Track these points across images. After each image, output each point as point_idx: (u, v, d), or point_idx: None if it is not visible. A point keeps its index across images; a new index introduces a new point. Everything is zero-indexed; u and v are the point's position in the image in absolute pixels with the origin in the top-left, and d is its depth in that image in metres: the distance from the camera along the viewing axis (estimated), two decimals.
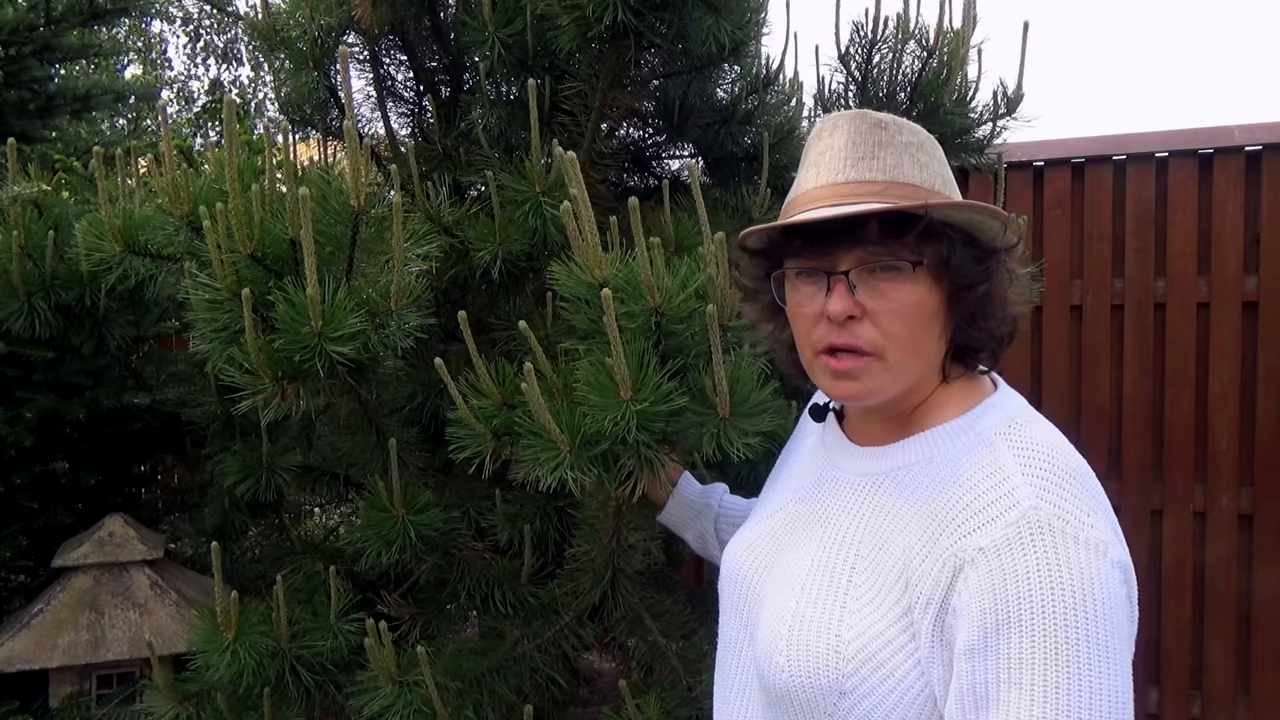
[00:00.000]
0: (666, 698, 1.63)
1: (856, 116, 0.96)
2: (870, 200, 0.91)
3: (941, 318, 0.94)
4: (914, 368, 0.94)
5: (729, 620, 1.09)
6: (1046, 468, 0.87)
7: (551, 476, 1.21)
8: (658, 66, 2.07)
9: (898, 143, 0.94)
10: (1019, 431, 0.93)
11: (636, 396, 1.17)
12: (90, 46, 3.60)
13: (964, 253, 0.92)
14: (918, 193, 0.92)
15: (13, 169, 2.10)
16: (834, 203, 0.92)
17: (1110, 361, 2.93)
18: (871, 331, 0.92)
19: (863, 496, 0.98)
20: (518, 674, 1.70)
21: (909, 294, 0.91)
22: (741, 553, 1.09)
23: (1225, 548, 2.82)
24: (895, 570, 0.89)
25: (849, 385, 0.94)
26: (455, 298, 2.06)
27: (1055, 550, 0.80)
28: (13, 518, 2.57)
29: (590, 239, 1.20)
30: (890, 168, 0.93)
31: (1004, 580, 0.80)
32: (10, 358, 2.43)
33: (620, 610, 1.74)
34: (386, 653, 1.53)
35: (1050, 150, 2.97)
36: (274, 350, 1.27)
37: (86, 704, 2.32)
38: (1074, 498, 0.85)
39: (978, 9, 2.06)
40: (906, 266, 0.91)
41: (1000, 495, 0.85)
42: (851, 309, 0.91)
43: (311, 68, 2.11)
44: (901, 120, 0.97)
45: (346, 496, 2.26)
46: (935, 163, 0.96)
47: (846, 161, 0.94)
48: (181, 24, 11.06)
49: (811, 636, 0.91)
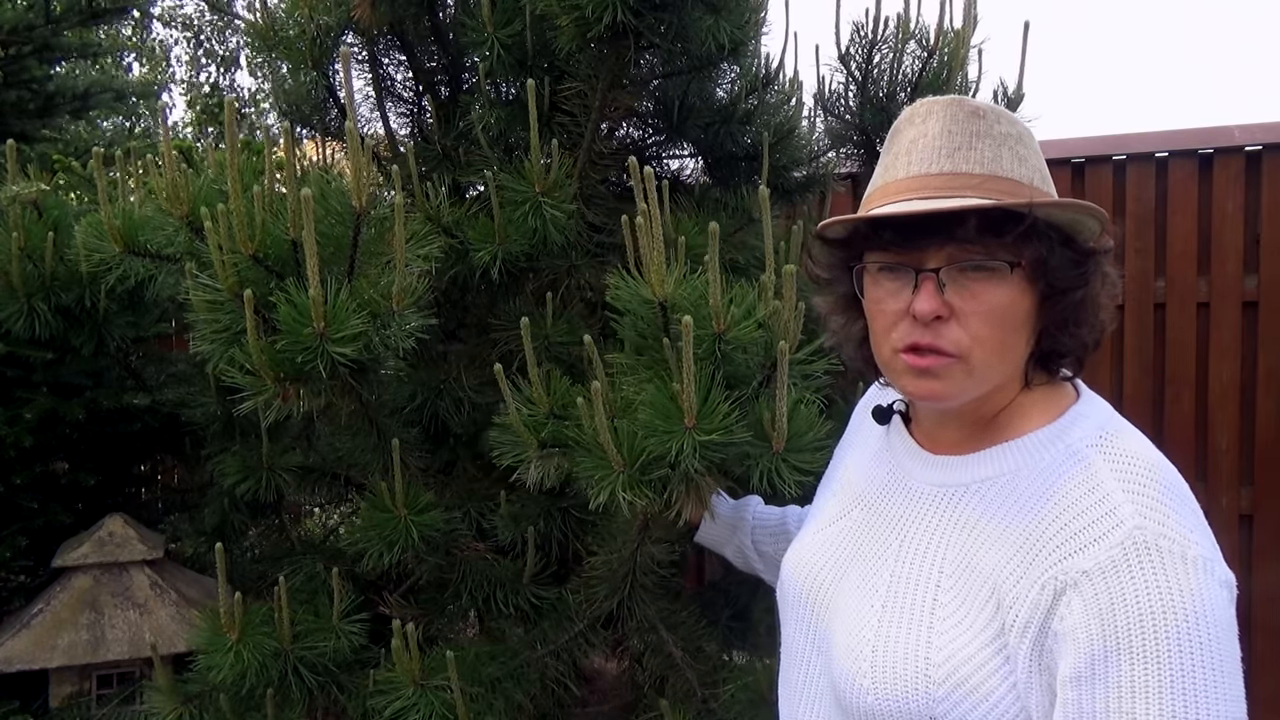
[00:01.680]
0: (683, 709, 1.63)
1: (953, 103, 0.90)
2: (967, 194, 0.85)
3: (1032, 322, 0.89)
4: (998, 372, 0.89)
5: (794, 632, 1.05)
6: (1145, 482, 0.83)
7: (603, 494, 1.18)
8: (657, 66, 2.07)
9: (996, 133, 0.89)
10: (1111, 443, 0.88)
11: (701, 425, 1.14)
12: (90, 46, 3.60)
13: (1062, 254, 0.87)
14: (1018, 188, 0.87)
15: (12, 169, 2.10)
16: (926, 195, 0.87)
17: (1110, 361, 2.93)
18: (958, 333, 0.86)
19: (943, 509, 0.93)
20: (530, 679, 1.70)
21: (1001, 296, 0.86)
22: (807, 561, 1.04)
23: (1225, 548, 2.78)
24: (985, 590, 0.85)
25: (930, 384, 0.89)
26: (455, 298, 2.06)
27: (1164, 572, 0.77)
28: (13, 518, 2.56)
29: (657, 256, 1.18)
30: (989, 160, 0.87)
31: (1111, 605, 0.76)
32: (10, 358, 2.43)
33: (635, 620, 1.74)
34: (412, 655, 1.53)
35: (1050, 150, 2.96)
36: (276, 351, 1.27)
37: (86, 704, 2.32)
38: (1176, 514, 0.81)
39: (978, 9, 2.06)
40: (1003, 267, 0.85)
41: (1102, 515, 0.81)
42: (940, 309, 0.86)
43: (310, 68, 2.11)
44: (1000, 109, 0.91)
45: (346, 497, 2.26)
46: (1034, 156, 0.91)
47: (941, 151, 0.88)
48: (182, 29, 11.07)
49: (898, 658, 0.86)
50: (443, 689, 1.53)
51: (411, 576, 1.98)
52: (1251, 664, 2.81)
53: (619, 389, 1.25)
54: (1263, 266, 2.78)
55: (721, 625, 1.95)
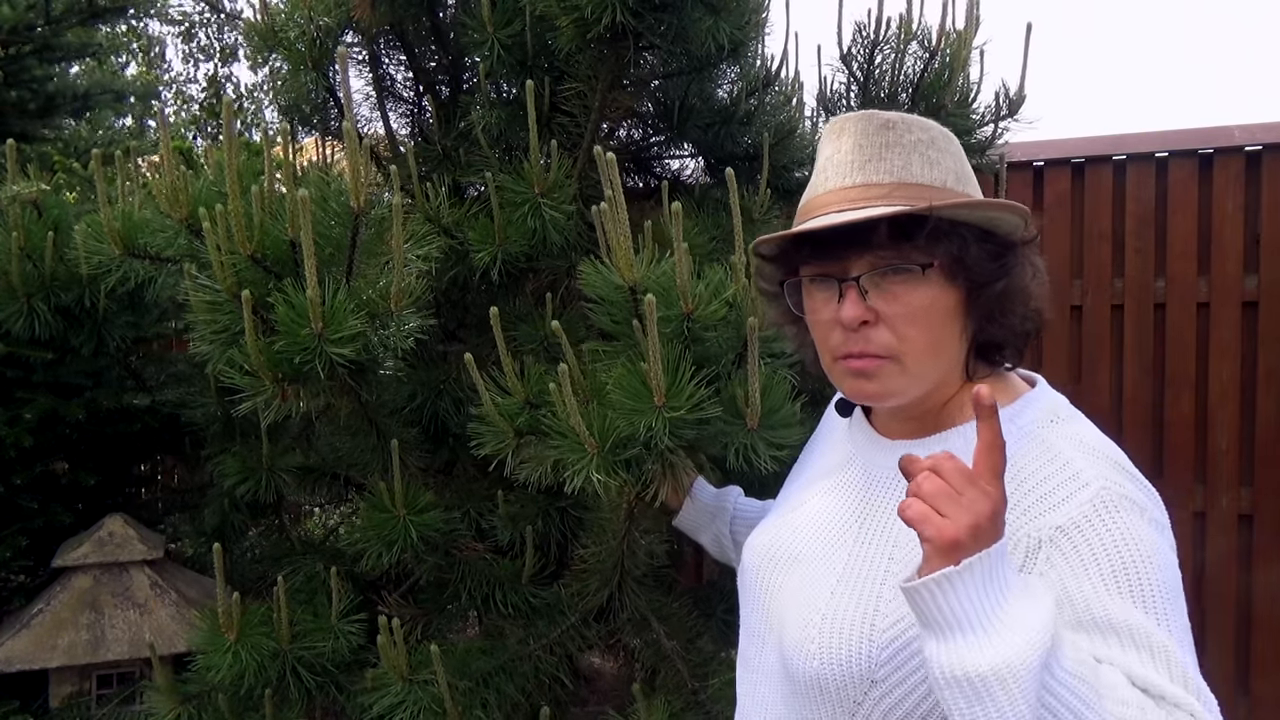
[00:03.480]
0: (672, 700, 1.63)
1: (864, 118, 0.95)
2: (877, 204, 0.90)
3: (960, 317, 0.93)
4: (934, 369, 0.93)
5: (751, 612, 1.08)
6: (1100, 457, 0.88)
7: (578, 478, 1.20)
8: (657, 67, 2.07)
9: (906, 142, 0.93)
10: (1063, 425, 0.92)
11: (670, 403, 1.16)
12: (89, 46, 3.60)
13: (979, 250, 0.91)
14: (926, 192, 0.91)
15: (12, 169, 2.10)
16: (842, 208, 0.91)
17: (1110, 361, 2.93)
18: (886, 335, 0.91)
19: (897, 490, 0.97)
20: (523, 674, 1.71)
21: (922, 296, 0.90)
22: (767, 545, 1.08)
23: (1225, 548, 2.82)
24: None
25: (867, 384, 0.94)
26: (455, 298, 2.06)
27: (1130, 526, 0.82)
28: (13, 518, 2.56)
29: (623, 241, 1.19)
30: (898, 169, 0.91)
31: (1093, 554, 0.81)
32: (10, 358, 2.43)
33: (626, 612, 1.74)
34: (398, 650, 1.53)
35: (1050, 150, 2.97)
36: (274, 352, 1.27)
37: (86, 704, 2.32)
38: (1131, 483, 0.86)
39: (980, 10, 2.06)
40: (917, 269, 0.90)
41: (1067, 478, 0.85)
42: (864, 314, 0.91)
43: (310, 68, 2.10)
44: (912, 118, 0.95)
45: (346, 497, 2.26)
46: (948, 158, 0.94)
47: (854, 165, 0.93)
48: (174, 25, 11.06)
49: (846, 625, 0.90)
50: (431, 684, 1.53)
51: (411, 576, 1.98)
52: (1251, 664, 2.80)
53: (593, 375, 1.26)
54: (1263, 266, 2.78)
55: (716, 620, 1.95)
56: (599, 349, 1.29)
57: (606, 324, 1.27)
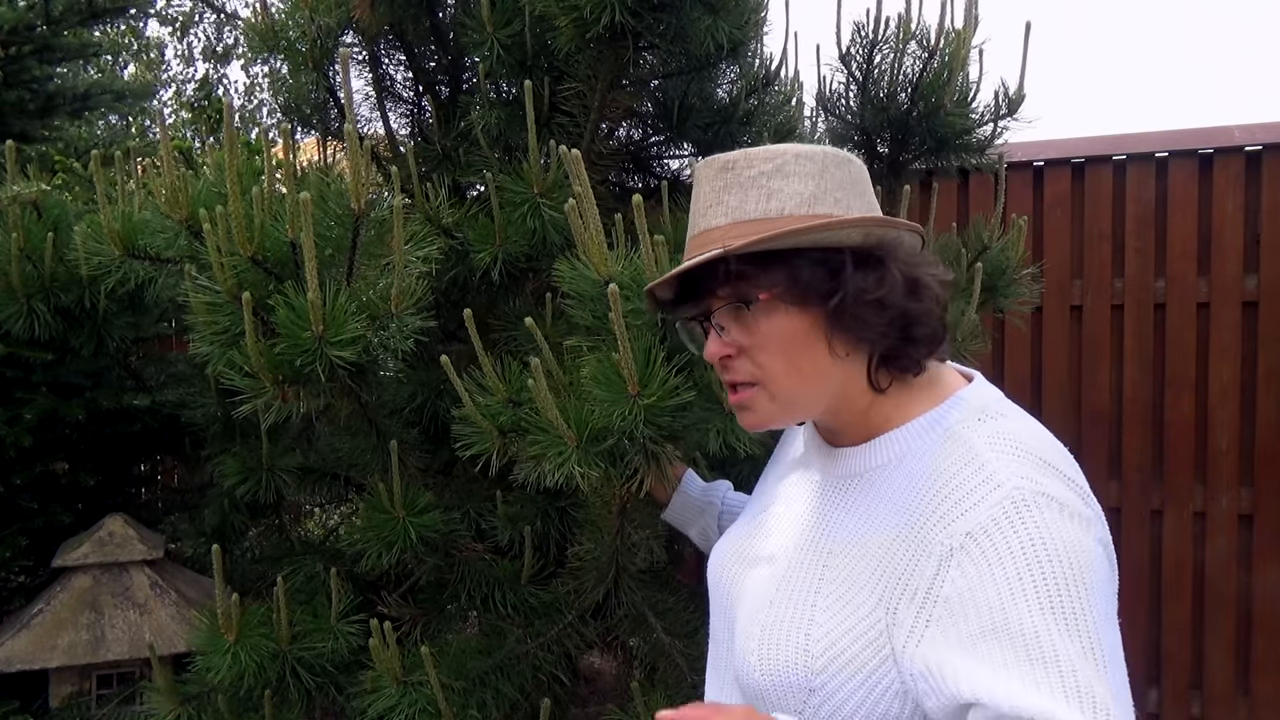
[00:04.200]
0: (672, 696, 1.64)
1: (707, 164, 0.98)
2: (712, 247, 0.93)
3: (822, 336, 0.94)
4: (806, 390, 0.95)
5: (715, 619, 1.12)
6: (1020, 451, 0.87)
7: (558, 472, 1.21)
8: (656, 67, 2.07)
9: (744, 179, 0.95)
10: (989, 423, 0.93)
11: (644, 391, 1.17)
12: (89, 46, 3.59)
13: (814, 271, 0.92)
14: (763, 225, 0.92)
15: (11, 170, 2.10)
16: (690, 254, 0.96)
17: (1110, 361, 2.93)
18: (747, 365, 0.95)
19: (835, 498, 1.00)
20: (521, 673, 1.71)
21: (767, 325, 0.93)
22: (725, 553, 1.11)
23: (1225, 548, 2.82)
24: (868, 567, 0.90)
25: (746, 415, 0.99)
26: (455, 299, 2.06)
27: (1045, 523, 0.81)
28: (12, 518, 2.56)
29: (595, 236, 1.20)
30: (733, 209, 0.94)
31: (1000, 559, 0.80)
32: (10, 359, 2.43)
33: (623, 609, 1.75)
34: (391, 653, 1.53)
35: (1050, 150, 2.96)
36: (274, 354, 1.27)
37: (86, 704, 2.32)
38: (1049, 476, 0.85)
39: (979, 10, 2.06)
40: (742, 306, 0.94)
41: (979, 481, 0.86)
42: (723, 349, 0.96)
43: (311, 68, 2.10)
44: (754, 151, 0.96)
45: (346, 497, 2.26)
46: (795, 181, 0.94)
47: (699, 214, 0.97)
48: (170, 25, 11.05)
49: (781, 637, 0.92)
50: (425, 685, 1.54)
51: (410, 577, 1.98)
52: (1251, 664, 2.81)
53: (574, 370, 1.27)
54: (1263, 266, 2.78)
55: None
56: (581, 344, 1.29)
57: (587, 319, 1.28)
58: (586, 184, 1.18)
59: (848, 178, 0.96)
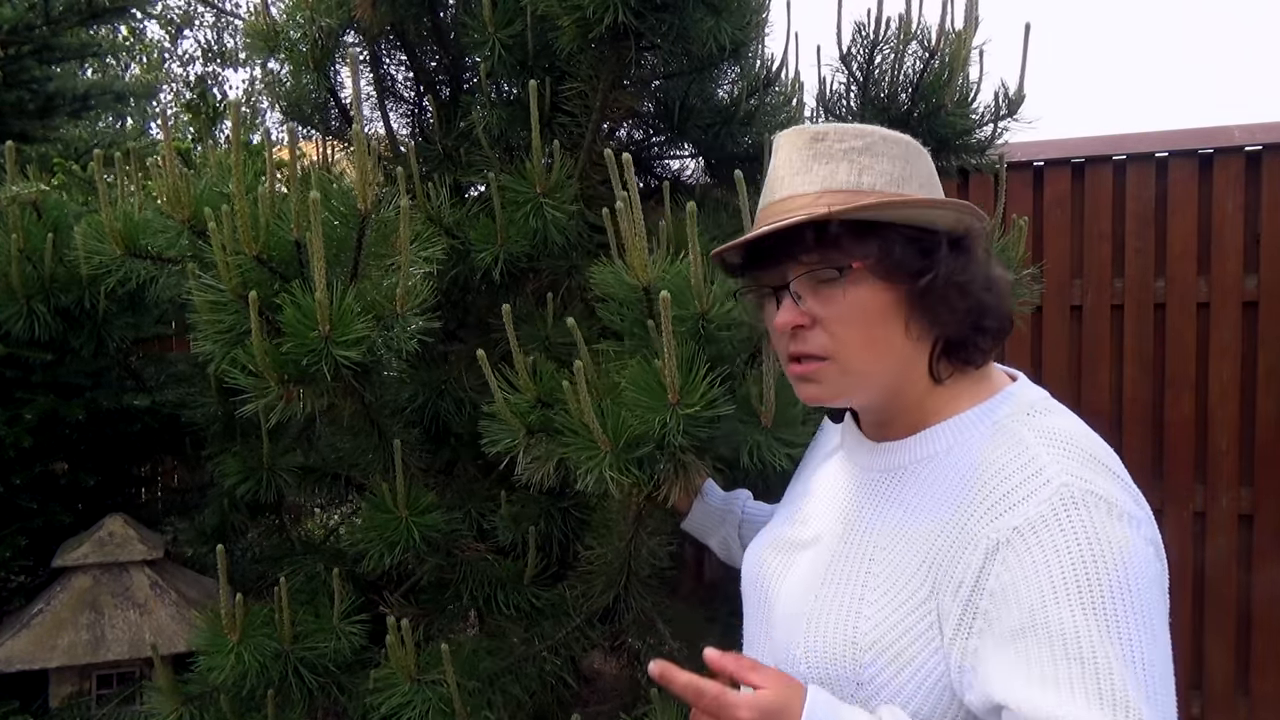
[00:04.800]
0: (681, 703, 1.63)
1: (795, 133, 0.98)
2: (799, 214, 0.92)
3: (901, 315, 0.94)
4: (876, 367, 0.95)
5: (751, 621, 1.10)
6: (1072, 450, 0.87)
7: (590, 476, 1.20)
8: (658, 67, 2.07)
9: (835, 151, 0.94)
10: (1038, 419, 0.92)
11: (684, 400, 1.16)
12: (89, 46, 3.59)
13: (906, 249, 0.92)
14: (854, 197, 0.92)
15: (11, 170, 2.09)
16: (773, 220, 0.94)
17: (1110, 361, 2.93)
18: (823, 337, 0.94)
19: (880, 491, 0.99)
20: (528, 675, 1.71)
21: (852, 297, 0.92)
22: (762, 555, 1.10)
23: (1225, 548, 2.82)
24: (916, 560, 0.89)
25: (809, 388, 0.97)
26: (456, 298, 2.06)
27: (1094, 523, 0.80)
28: (12, 518, 2.56)
29: (638, 242, 1.19)
30: (824, 178, 0.94)
31: (1045, 557, 0.80)
32: (9, 359, 2.43)
33: (632, 614, 1.74)
34: (407, 651, 1.53)
35: (1050, 150, 2.97)
36: (280, 353, 1.27)
37: (86, 704, 2.32)
38: (1101, 475, 0.85)
39: (980, 10, 2.06)
40: (834, 273, 0.92)
41: (1029, 475, 0.85)
42: (798, 319, 0.94)
43: (312, 69, 2.10)
44: (845, 127, 0.96)
45: (347, 497, 2.26)
46: (884, 161, 0.95)
47: (783, 180, 0.96)
48: (169, 25, 11.04)
49: (828, 628, 0.92)
50: (439, 684, 1.53)
51: (412, 577, 1.98)
52: (1251, 664, 2.81)
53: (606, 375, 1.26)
54: (1263, 266, 2.78)
55: (721, 622, 1.95)
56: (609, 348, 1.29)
57: (616, 323, 1.28)
58: (634, 189, 1.18)
59: (926, 167, 0.98)
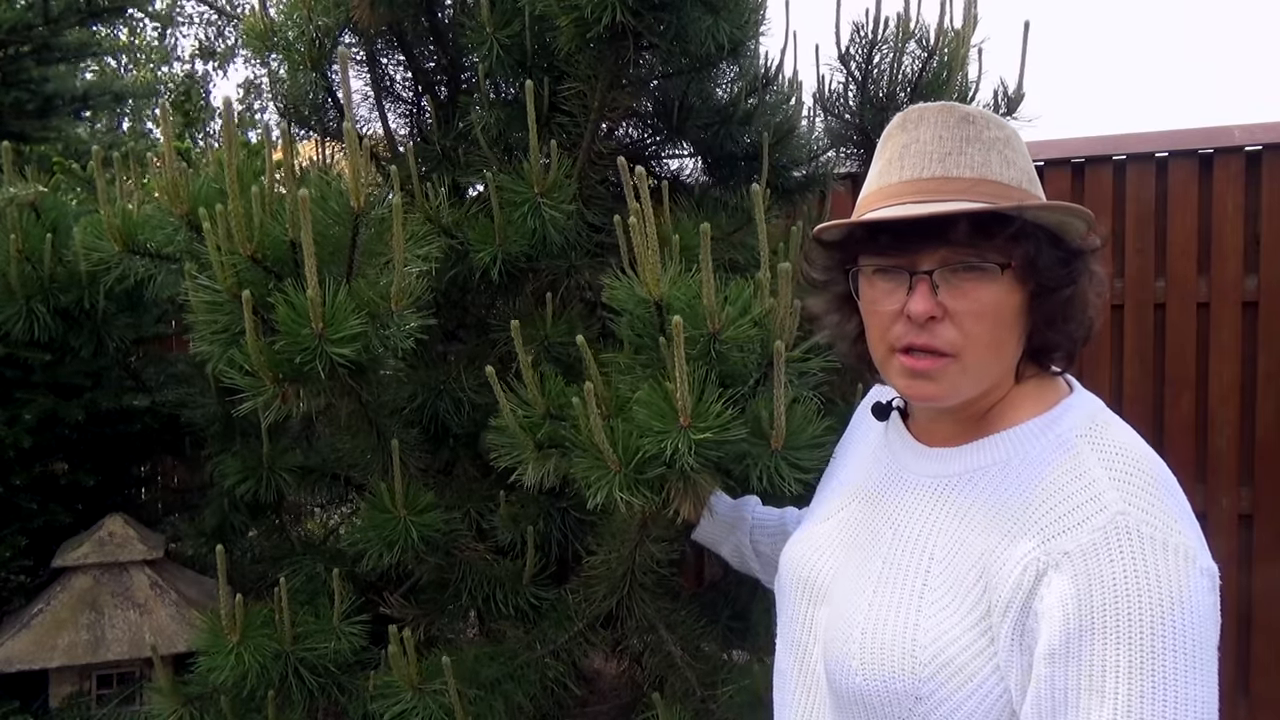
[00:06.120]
0: (682, 709, 1.63)
1: (944, 109, 0.93)
2: (958, 198, 0.88)
3: (1022, 319, 0.92)
4: (992, 369, 0.92)
5: (790, 621, 1.07)
6: (1132, 472, 0.85)
7: (600, 495, 1.18)
8: (657, 67, 2.07)
9: (985, 138, 0.91)
10: (1100, 433, 0.90)
11: (695, 424, 1.14)
12: (88, 46, 3.59)
13: (1050, 254, 0.90)
14: (1006, 191, 0.89)
15: (10, 171, 2.09)
16: (919, 199, 0.89)
17: (1110, 361, 2.93)
18: (952, 332, 0.89)
19: (936, 499, 0.96)
20: (530, 680, 1.70)
21: (992, 295, 0.88)
22: (804, 554, 1.07)
23: (1225, 548, 2.81)
24: (973, 573, 0.87)
25: (926, 386, 0.92)
26: (455, 298, 2.06)
27: (1144, 557, 0.78)
28: (12, 518, 2.56)
29: (650, 255, 1.18)
30: (978, 164, 0.90)
31: (1089, 585, 0.78)
32: (9, 359, 2.43)
33: (634, 620, 1.74)
34: (409, 661, 1.53)
35: (1050, 150, 2.96)
36: (274, 352, 1.27)
37: (86, 704, 2.32)
38: (1161, 503, 0.83)
39: (978, 9, 2.06)
40: (993, 268, 0.88)
41: (1087, 499, 0.83)
42: (934, 309, 0.89)
43: (309, 68, 2.10)
44: (989, 114, 0.94)
45: (347, 497, 2.26)
46: (1021, 158, 0.93)
47: (933, 156, 0.91)
48: (154, 23, 11.06)
49: (886, 640, 0.89)
50: (441, 693, 1.53)
51: (412, 577, 1.98)
52: (1251, 664, 2.80)
53: (615, 388, 1.25)
54: (1263, 266, 2.78)
55: (721, 625, 1.95)
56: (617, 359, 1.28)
57: (629, 335, 1.26)
58: (647, 201, 1.15)
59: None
